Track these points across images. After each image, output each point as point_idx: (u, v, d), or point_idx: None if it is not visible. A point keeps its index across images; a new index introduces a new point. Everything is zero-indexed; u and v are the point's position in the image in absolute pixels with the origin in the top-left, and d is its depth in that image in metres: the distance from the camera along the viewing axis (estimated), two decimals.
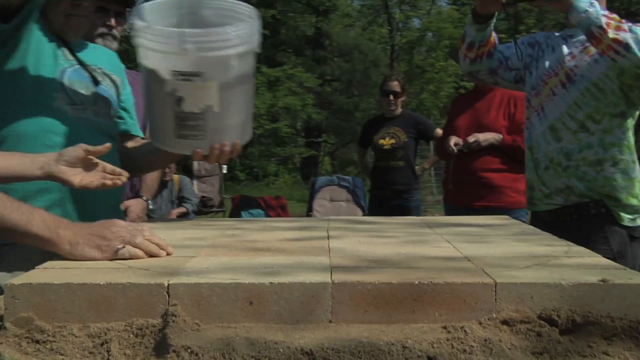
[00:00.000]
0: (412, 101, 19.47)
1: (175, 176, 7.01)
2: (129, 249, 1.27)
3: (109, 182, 1.67)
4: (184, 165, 8.57)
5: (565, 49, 2.50)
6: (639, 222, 2.42)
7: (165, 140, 1.88)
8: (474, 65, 2.60)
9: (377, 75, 19.25)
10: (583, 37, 2.37)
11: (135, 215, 2.78)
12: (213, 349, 0.96)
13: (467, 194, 3.95)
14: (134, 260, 1.25)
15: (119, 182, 1.69)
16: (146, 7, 1.86)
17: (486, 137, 3.75)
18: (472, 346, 0.99)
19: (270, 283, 1.07)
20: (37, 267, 1.18)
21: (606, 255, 2.29)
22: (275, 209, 7.88)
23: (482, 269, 1.17)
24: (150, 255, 1.29)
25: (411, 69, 21.48)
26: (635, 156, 2.43)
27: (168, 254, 1.31)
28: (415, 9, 23.54)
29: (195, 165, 8.85)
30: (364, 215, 6.96)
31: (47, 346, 0.99)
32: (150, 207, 2.98)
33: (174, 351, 0.96)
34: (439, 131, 5.00)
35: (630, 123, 2.42)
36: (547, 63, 2.54)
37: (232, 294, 1.06)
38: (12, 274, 1.31)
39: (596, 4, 2.25)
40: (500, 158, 3.83)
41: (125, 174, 1.70)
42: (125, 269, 1.18)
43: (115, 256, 1.26)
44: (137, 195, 2.93)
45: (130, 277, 1.09)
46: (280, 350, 0.96)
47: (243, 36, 1.75)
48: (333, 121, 22.89)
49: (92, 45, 2.14)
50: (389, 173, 5.15)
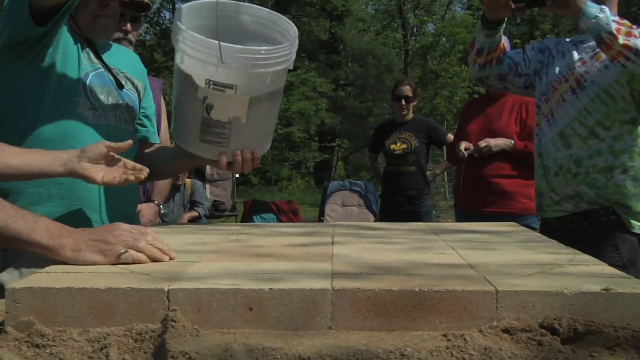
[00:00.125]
0: (426, 106, 19.45)
1: (188, 180, 7.03)
2: (131, 254, 1.27)
3: (131, 178, 1.65)
4: (197, 170, 8.59)
5: (575, 55, 2.48)
6: None
7: (189, 141, 1.91)
8: (484, 71, 2.59)
9: (391, 80, 19.21)
10: (593, 43, 2.36)
11: (147, 220, 2.80)
12: (211, 354, 0.96)
13: (478, 200, 3.93)
14: (136, 265, 1.25)
15: (141, 177, 1.67)
16: (185, 9, 1.88)
17: (497, 143, 3.74)
18: (472, 355, 0.98)
19: (270, 289, 1.06)
20: (39, 271, 1.19)
21: (616, 263, 2.29)
22: (287, 213, 7.88)
23: (485, 276, 1.16)
24: (153, 259, 1.29)
25: (425, 73, 21.46)
26: None
27: (171, 259, 1.32)
28: (429, 14, 23.55)
29: (208, 169, 8.87)
30: (376, 220, 6.95)
31: (47, 350, 0.99)
32: (162, 212, 2.99)
33: (172, 357, 0.96)
34: (451, 136, 4.99)
35: None
36: (557, 69, 2.52)
37: (232, 300, 1.06)
38: (23, 276, 1.31)
39: (606, 9, 2.24)
40: (511, 164, 3.81)
41: (146, 169, 1.68)
42: (127, 273, 1.18)
43: (118, 260, 1.26)
44: (149, 199, 2.95)
45: (131, 282, 1.10)
46: (278, 357, 0.96)
47: (282, 55, 1.77)
48: (347, 126, 22.90)
49: (116, 46, 2.14)
50: (401, 178, 5.14)
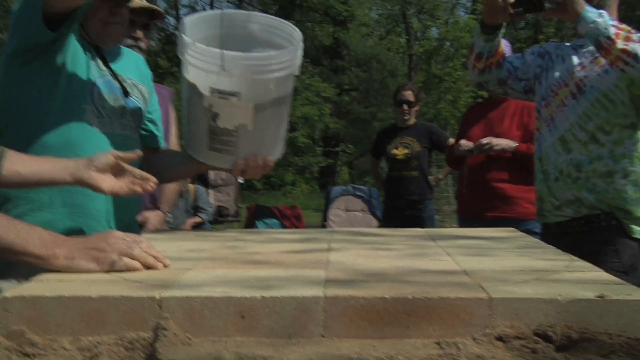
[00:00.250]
0: (430, 110, 19.43)
1: (191, 186, 7.02)
2: (125, 261, 1.27)
3: (138, 189, 1.65)
4: (200, 175, 8.59)
5: (575, 60, 2.48)
6: None
7: (198, 150, 1.92)
8: (483, 76, 2.58)
9: (395, 84, 19.18)
10: (593, 48, 2.35)
11: (153, 227, 2.77)
12: None
13: (480, 204, 3.91)
14: (129, 273, 1.25)
15: (148, 188, 1.67)
16: (190, 20, 1.88)
17: (499, 142, 3.71)
18: None
19: (262, 297, 1.06)
20: (32, 279, 1.18)
21: (617, 269, 2.28)
22: (290, 218, 7.88)
23: (479, 283, 1.15)
24: (147, 267, 1.29)
25: (429, 78, 21.44)
26: None
27: (165, 266, 1.31)
28: (433, 19, 23.54)
29: (212, 174, 8.87)
30: (380, 225, 6.94)
31: (37, 359, 0.99)
32: (168, 220, 2.97)
33: None
34: (452, 141, 4.98)
35: None
36: (557, 74, 2.51)
37: (224, 308, 1.06)
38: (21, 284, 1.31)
39: (605, 14, 2.23)
40: (513, 168, 3.80)
41: (154, 179, 1.68)
42: (120, 281, 1.18)
43: (112, 268, 1.26)
44: (156, 207, 2.92)
45: (123, 290, 1.09)
46: None
47: (285, 61, 1.77)
48: (351, 131, 22.90)
49: (124, 50, 2.14)
50: (403, 183, 5.13)
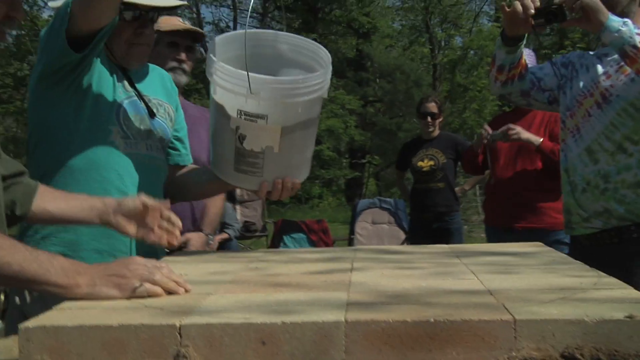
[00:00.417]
0: (455, 120, 19.33)
1: None
2: (147, 287, 1.27)
3: (163, 242, 1.71)
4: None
5: (599, 69, 2.44)
6: None
7: (225, 171, 1.92)
8: (506, 88, 2.55)
9: (420, 94, 19.14)
10: (618, 56, 2.31)
11: (194, 249, 2.69)
12: None
13: (509, 215, 3.88)
14: (150, 299, 1.24)
15: (174, 243, 1.73)
16: (219, 40, 1.88)
17: (527, 135, 3.64)
18: None
19: (283, 322, 1.05)
20: (54, 307, 1.19)
21: None
22: (317, 232, 7.85)
23: (503, 304, 1.13)
24: (169, 292, 1.29)
25: (453, 87, 21.35)
26: None
27: (186, 291, 1.31)
28: (456, 28, 23.47)
29: (238, 190, 8.90)
30: (406, 236, 6.89)
31: None
32: (210, 242, 2.91)
33: None
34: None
35: None
36: (582, 83, 2.48)
37: (244, 334, 1.05)
38: (48, 306, 1.31)
39: (629, 22, 2.19)
40: (541, 178, 3.76)
41: (177, 231, 1.72)
42: (140, 308, 1.18)
43: (134, 294, 1.26)
44: (197, 228, 2.82)
45: (143, 318, 1.09)
46: None
47: (314, 84, 1.76)
48: (377, 142, 22.85)
49: (151, 67, 2.15)
50: (429, 195, 5.10)
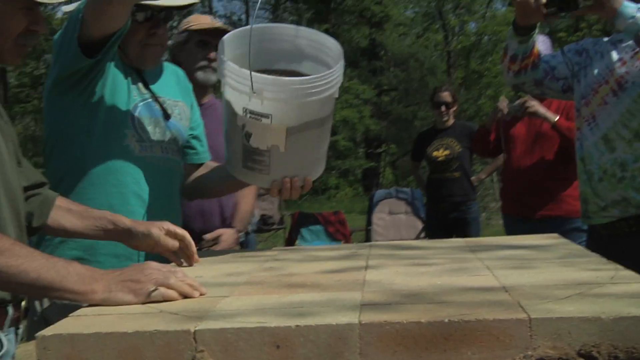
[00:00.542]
0: (471, 107, 19.20)
1: None
2: (162, 291, 1.27)
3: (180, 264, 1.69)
4: None
5: (614, 55, 2.41)
6: None
7: (234, 168, 1.92)
8: (519, 78, 2.52)
9: (434, 82, 19.04)
10: (633, 42, 2.28)
11: (226, 245, 2.66)
12: None
13: (525, 203, 3.85)
14: (166, 303, 1.25)
15: (192, 264, 1.71)
16: (229, 37, 1.87)
17: (544, 111, 3.60)
18: None
19: (297, 326, 1.05)
20: (70, 315, 1.20)
21: None
22: (334, 224, 7.85)
23: (518, 301, 1.12)
24: (184, 296, 1.29)
25: (468, 74, 21.20)
26: None
27: (201, 294, 1.31)
28: (470, 13, 23.26)
29: None
30: (423, 226, 6.87)
31: None
32: (242, 240, 2.85)
33: None
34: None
35: None
36: (596, 70, 2.45)
37: (259, 338, 1.05)
38: (67, 310, 1.32)
39: None
40: (557, 165, 3.73)
41: (192, 248, 1.71)
42: (156, 313, 1.18)
43: (149, 299, 1.26)
44: (228, 225, 2.79)
45: (158, 324, 1.09)
46: None
47: (322, 85, 1.73)
48: (392, 131, 22.77)
49: (165, 65, 2.14)
50: (445, 185, 5.09)
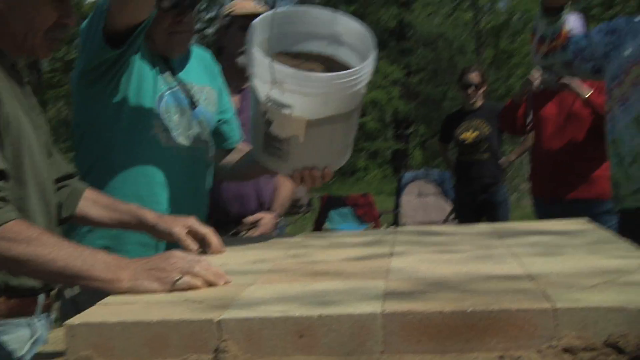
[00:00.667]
0: (500, 87, 18.96)
1: None
2: (186, 279, 1.28)
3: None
4: None
5: None
6: None
7: (257, 152, 1.93)
8: (547, 60, 2.48)
9: (464, 62, 18.80)
10: None
11: (265, 229, 2.66)
12: None
13: (556, 185, 3.81)
14: (191, 292, 1.26)
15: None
16: (261, 20, 1.82)
17: (577, 84, 3.52)
18: None
19: (320, 315, 1.05)
20: (98, 303, 1.22)
21: None
22: (362, 206, 7.83)
23: (544, 290, 1.11)
24: (209, 284, 1.30)
25: (498, 54, 20.91)
26: None
27: (226, 282, 1.32)
28: None
29: None
30: (452, 208, 6.82)
31: None
32: (280, 225, 2.85)
33: None
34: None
35: None
36: (629, 51, 2.39)
37: (282, 328, 1.06)
38: (97, 296, 1.34)
39: None
40: (588, 146, 3.67)
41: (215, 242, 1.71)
42: (181, 302, 1.19)
43: (174, 287, 1.28)
44: (269, 210, 2.77)
45: (183, 313, 1.11)
46: None
47: (345, 82, 1.70)
48: (421, 111, 22.59)
49: (193, 49, 2.13)
50: (474, 167, 5.04)
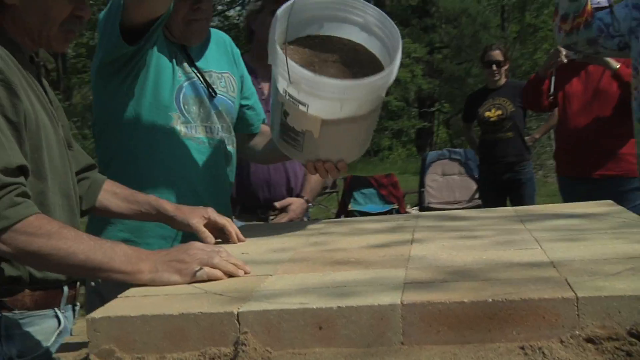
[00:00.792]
0: (526, 62, 18.68)
1: None
2: (207, 271, 1.29)
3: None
4: None
5: None
6: None
7: (275, 136, 1.91)
8: (570, 38, 2.43)
9: (488, 38, 18.52)
10: None
11: (295, 215, 2.64)
12: None
13: (583, 163, 3.75)
14: (210, 284, 1.27)
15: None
16: (284, 9, 1.77)
17: (606, 57, 3.41)
18: None
19: (339, 307, 1.05)
20: (119, 296, 1.22)
21: None
22: (386, 187, 7.81)
23: (566, 277, 1.09)
24: (229, 275, 1.30)
25: (523, 28, 20.57)
26: None
27: (246, 273, 1.32)
28: None
29: None
30: (477, 187, 6.76)
31: None
32: (311, 210, 2.84)
33: None
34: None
35: None
36: None
37: (301, 320, 1.05)
38: (119, 287, 1.35)
39: None
40: (615, 122, 3.61)
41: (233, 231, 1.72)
42: (201, 294, 1.20)
43: (194, 278, 1.28)
44: (298, 195, 2.75)
45: (203, 305, 1.11)
46: None
47: (362, 90, 1.66)
48: (445, 89, 22.37)
49: (212, 34, 2.11)
50: (498, 146, 4.98)
